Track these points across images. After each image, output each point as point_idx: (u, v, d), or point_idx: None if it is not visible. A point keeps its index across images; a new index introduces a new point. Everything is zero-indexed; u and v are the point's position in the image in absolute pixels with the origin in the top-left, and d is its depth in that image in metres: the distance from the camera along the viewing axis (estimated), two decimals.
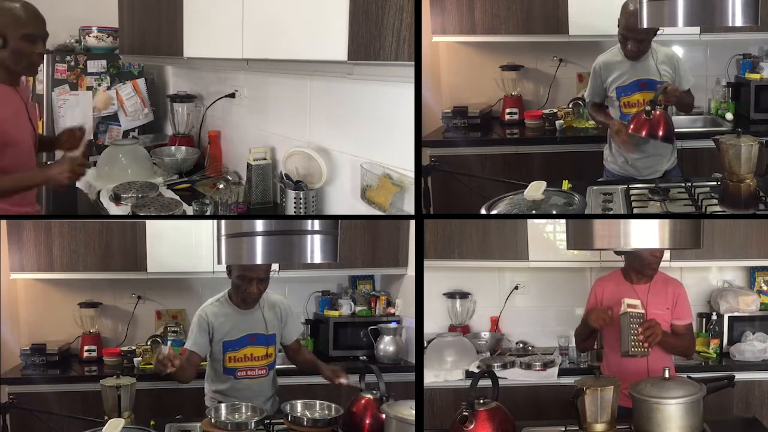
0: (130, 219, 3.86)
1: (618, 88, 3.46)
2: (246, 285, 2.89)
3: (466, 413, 2.39)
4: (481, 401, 2.46)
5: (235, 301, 2.97)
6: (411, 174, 2.80)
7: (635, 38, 3.31)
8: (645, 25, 2.73)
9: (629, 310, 2.75)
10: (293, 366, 3.26)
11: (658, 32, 3.37)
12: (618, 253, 3.21)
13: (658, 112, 3.11)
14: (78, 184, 3.93)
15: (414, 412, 2.43)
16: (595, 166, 3.76)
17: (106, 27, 4.52)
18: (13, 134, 2.89)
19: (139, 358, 4.03)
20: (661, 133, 3.12)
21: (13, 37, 2.83)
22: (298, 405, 2.82)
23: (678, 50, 3.55)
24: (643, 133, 3.15)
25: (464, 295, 4.31)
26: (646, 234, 2.17)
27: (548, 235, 4.03)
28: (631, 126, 3.18)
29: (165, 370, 2.66)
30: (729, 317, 3.98)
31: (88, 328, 4.22)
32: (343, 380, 2.93)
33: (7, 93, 2.92)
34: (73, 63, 4.50)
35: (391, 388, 2.67)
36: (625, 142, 3.38)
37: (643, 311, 2.79)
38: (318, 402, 2.83)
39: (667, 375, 2.50)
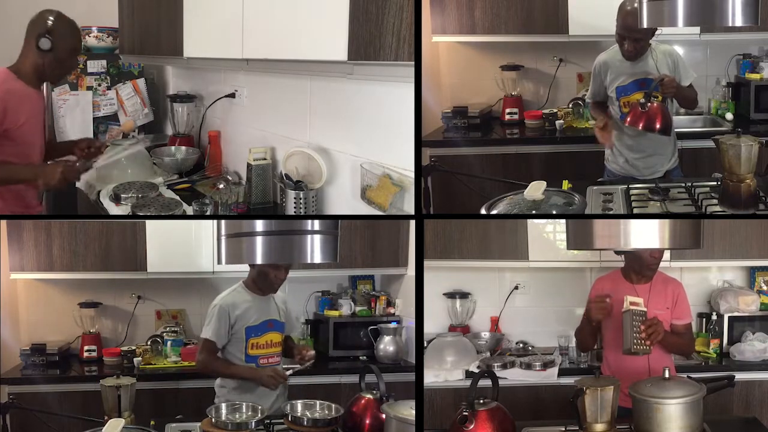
0: (130, 219, 3.86)
1: (618, 87, 3.46)
2: (275, 271, 2.99)
3: (466, 413, 2.39)
4: (481, 401, 2.46)
5: (254, 288, 3.04)
6: (411, 174, 2.79)
7: (632, 38, 3.30)
8: (645, 25, 2.72)
9: (632, 307, 2.75)
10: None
11: (657, 32, 3.37)
12: (618, 253, 3.21)
13: (654, 105, 3.10)
14: (78, 184, 3.93)
15: (414, 412, 2.43)
16: (595, 166, 3.76)
17: (106, 27, 4.50)
18: (30, 136, 3.02)
19: (139, 358, 4.03)
20: (658, 125, 3.10)
21: (63, 48, 3.01)
22: (298, 405, 2.83)
23: (678, 50, 3.54)
24: (640, 126, 3.14)
25: (464, 295, 4.30)
26: (646, 234, 2.17)
27: (548, 235, 4.03)
28: (628, 119, 3.18)
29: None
30: (729, 317, 3.98)
31: (88, 328, 4.22)
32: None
33: (32, 95, 3.06)
34: None
35: (391, 388, 2.67)
36: (607, 140, 3.40)
37: (645, 309, 2.79)
38: (318, 402, 2.84)
39: (667, 375, 2.49)
